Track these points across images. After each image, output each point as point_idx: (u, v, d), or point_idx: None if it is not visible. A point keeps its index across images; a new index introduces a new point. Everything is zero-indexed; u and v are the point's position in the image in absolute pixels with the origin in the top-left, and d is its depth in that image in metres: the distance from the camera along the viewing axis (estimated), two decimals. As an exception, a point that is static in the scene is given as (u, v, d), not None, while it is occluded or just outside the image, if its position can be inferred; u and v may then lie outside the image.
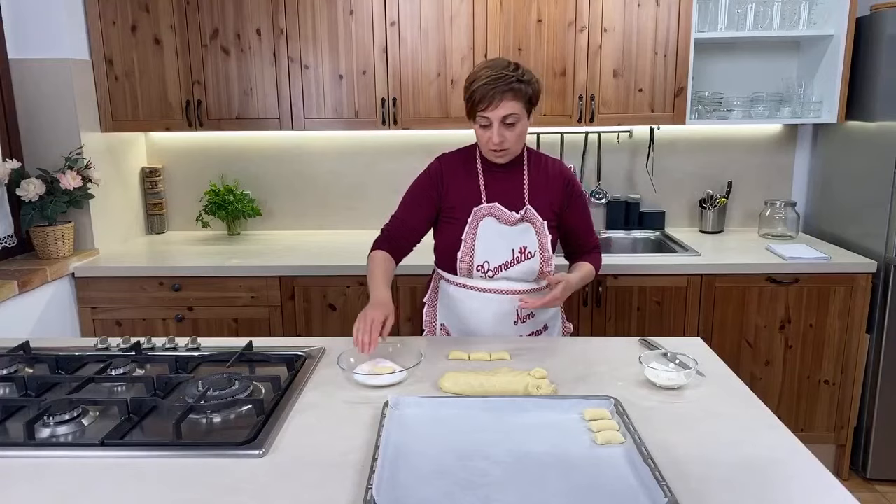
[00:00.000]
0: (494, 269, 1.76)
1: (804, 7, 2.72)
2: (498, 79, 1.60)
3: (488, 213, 1.76)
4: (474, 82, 1.63)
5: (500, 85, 1.60)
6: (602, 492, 1.03)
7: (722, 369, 1.53)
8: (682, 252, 2.72)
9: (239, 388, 1.38)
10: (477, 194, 1.77)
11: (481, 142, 1.72)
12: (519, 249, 1.76)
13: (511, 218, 1.76)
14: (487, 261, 1.75)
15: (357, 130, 2.88)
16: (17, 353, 1.59)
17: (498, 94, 1.60)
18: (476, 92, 1.62)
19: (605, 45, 2.69)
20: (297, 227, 3.23)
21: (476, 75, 1.64)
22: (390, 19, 2.68)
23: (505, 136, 1.66)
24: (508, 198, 1.78)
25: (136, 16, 2.71)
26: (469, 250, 1.75)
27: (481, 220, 1.76)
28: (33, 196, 2.46)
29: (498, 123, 1.64)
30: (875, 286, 2.54)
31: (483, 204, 1.76)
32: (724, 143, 3.11)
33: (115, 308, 2.63)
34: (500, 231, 1.76)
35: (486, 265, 1.75)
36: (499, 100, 1.61)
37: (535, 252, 1.76)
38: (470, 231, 1.75)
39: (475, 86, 1.62)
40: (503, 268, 1.76)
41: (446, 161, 1.84)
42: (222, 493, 1.06)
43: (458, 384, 1.40)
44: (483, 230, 1.75)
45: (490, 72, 1.62)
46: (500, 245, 1.75)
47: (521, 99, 1.63)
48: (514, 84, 1.61)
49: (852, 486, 2.63)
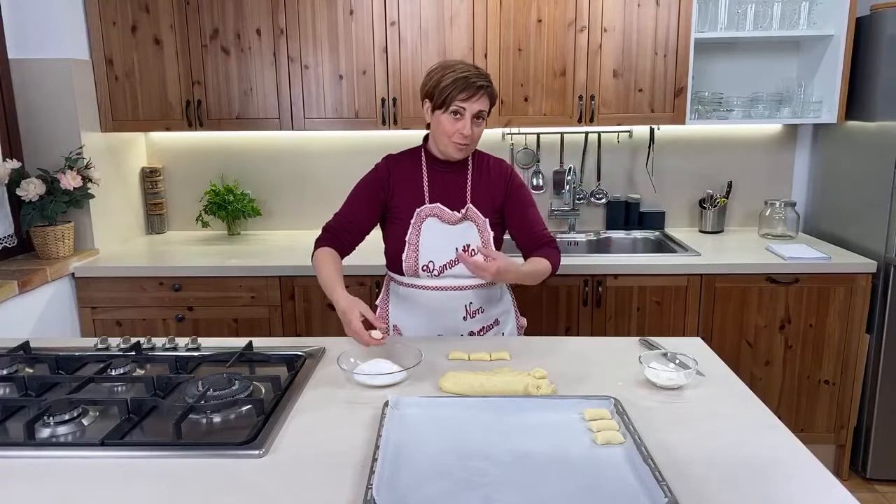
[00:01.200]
0: (440, 268, 1.78)
1: (804, 7, 2.73)
2: (478, 74, 1.66)
3: (430, 213, 1.78)
4: (449, 73, 1.65)
5: (482, 80, 1.66)
6: (602, 492, 1.03)
7: (722, 369, 1.53)
8: (682, 252, 2.72)
9: (239, 388, 1.38)
10: (420, 195, 1.80)
11: (446, 134, 1.70)
12: (462, 248, 1.78)
13: (452, 217, 1.78)
14: (432, 260, 1.78)
15: (357, 130, 2.88)
16: (17, 353, 1.59)
17: (478, 88, 1.64)
18: (458, 81, 1.63)
19: (605, 45, 2.69)
20: (298, 227, 3.23)
21: (451, 67, 1.67)
22: (390, 19, 2.68)
23: (474, 131, 1.69)
24: (450, 197, 1.80)
25: (136, 16, 2.71)
26: (413, 251, 1.78)
27: (424, 221, 1.78)
28: (33, 196, 2.46)
29: (470, 116, 1.66)
30: (875, 286, 2.54)
31: (426, 205, 1.79)
32: (724, 143, 3.11)
33: (115, 308, 2.63)
34: (443, 231, 1.78)
35: (431, 265, 1.78)
36: (480, 94, 1.65)
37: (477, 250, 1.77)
38: (413, 232, 1.78)
39: (455, 75, 1.64)
40: (448, 266, 1.78)
41: (393, 161, 1.85)
42: (222, 493, 1.06)
43: (458, 384, 1.40)
44: (426, 231, 1.78)
45: (466, 67, 1.67)
46: (444, 244, 1.78)
47: (491, 100, 1.70)
48: (488, 82, 1.67)
49: (852, 486, 2.63)
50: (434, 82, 1.69)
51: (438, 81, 1.67)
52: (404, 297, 1.86)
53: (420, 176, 1.81)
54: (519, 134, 3.06)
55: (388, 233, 1.86)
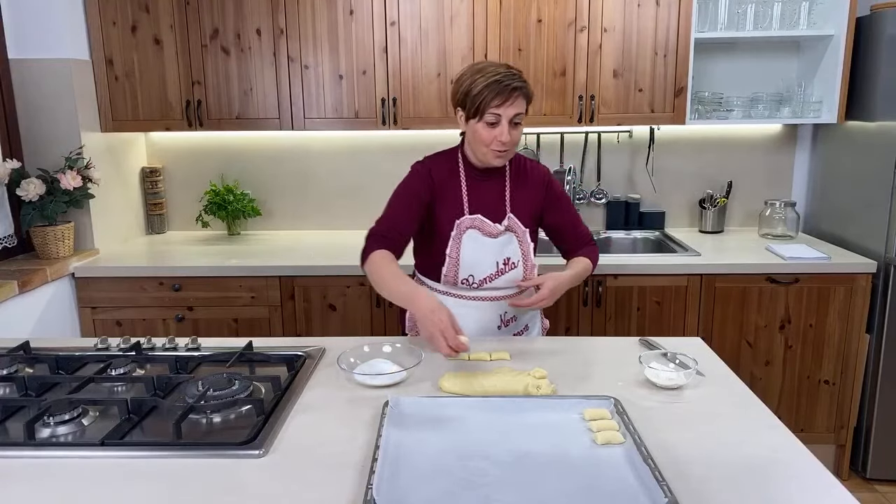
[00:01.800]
0: (479, 281, 1.74)
1: (804, 7, 2.73)
2: (511, 76, 1.58)
3: (471, 225, 1.72)
4: (482, 76, 1.57)
5: (515, 81, 1.57)
6: (602, 492, 1.03)
7: (722, 369, 1.53)
8: (682, 252, 2.72)
9: (239, 388, 1.38)
10: (459, 205, 1.72)
11: (483, 142, 1.64)
12: (503, 261, 1.73)
13: (494, 230, 1.72)
14: (472, 274, 1.73)
15: (357, 130, 2.88)
16: (17, 353, 1.59)
17: (514, 91, 1.57)
18: (489, 87, 1.56)
19: (605, 45, 2.69)
20: (297, 227, 3.23)
21: (482, 72, 1.59)
22: (390, 19, 2.68)
23: (512, 135, 1.62)
24: (490, 207, 1.73)
25: (136, 16, 2.71)
26: (454, 265, 1.73)
27: (464, 234, 1.71)
28: (33, 196, 2.46)
29: (507, 122, 1.60)
30: (875, 286, 2.54)
31: (466, 216, 1.72)
32: (723, 143, 3.11)
33: (115, 308, 2.63)
34: (484, 244, 1.72)
35: (471, 278, 1.74)
36: (515, 96, 1.57)
37: (518, 262, 1.74)
38: (454, 246, 1.71)
39: (486, 80, 1.56)
40: (488, 280, 1.74)
41: (433, 166, 1.76)
42: (222, 493, 1.06)
43: (458, 384, 1.40)
44: (466, 244, 1.71)
45: (497, 69, 1.58)
46: (485, 259, 1.72)
47: (527, 100, 1.62)
48: (522, 84, 1.59)
49: (852, 486, 2.63)
50: (464, 90, 1.61)
51: (469, 89, 1.60)
52: None
53: (458, 184, 1.73)
54: (519, 134, 3.06)
55: (425, 242, 1.79)
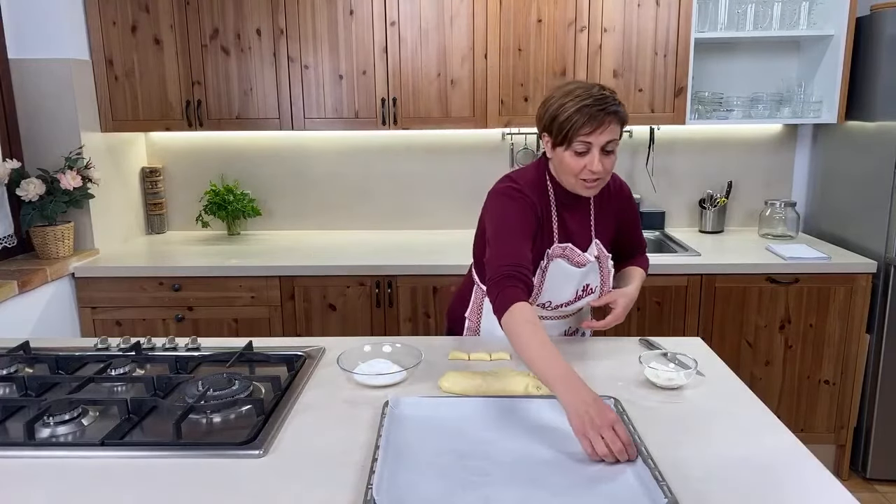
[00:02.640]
0: (556, 306, 1.69)
1: (804, 7, 2.73)
2: (603, 99, 1.43)
3: (561, 254, 1.61)
4: (568, 103, 1.44)
5: (609, 106, 1.43)
6: (602, 492, 1.03)
7: (722, 369, 1.53)
8: (682, 252, 2.72)
9: (239, 388, 1.38)
10: (550, 232, 1.61)
11: (571, 171, 1.50)
12: (583, 288, 1.66)
13: (583, 260, 1.63)
14: (551, 300, 1.66)
15: (357, 130, 2.88)
16: (17, 353, 1.59)
17: (607, 116, 1.43)
18: (580, 112, 1.42)
19: (605, 45, 2.69)
20: (297, 227, 3.23)
21: (571, 94, 1.45)
22: (390, 19, 2.68)
23: (605, 164, 1.48)
24: (578, 235, 1.64)
25: (136, 16, 2.71)
26: (536, 293, 1.63)
27: (551, 262, 1.61)
28: (33, 196, 2.46)
29: (598, 150, 1.46)
30: (875, 286, 2.54)
31: (555, 245, 1.61)
32: (724, 143, 3.11)
33: (115, 308, 2.63)
34: (569, 273, 1.63)
35: (549, 304, 1.68)
36: (607, 122, 1.43)
37: (596, 288, 1.69)
38: (540, 274, 1.61)
39: (576, 106, 1.43)
40: (565, 305, 1.69)
41: (531, 190, 1.58)
42: (222, 493, 1.06)
43: (458, 384, 1.40)
44: (552, 273, 1.62)
45: (590, 91, 1.44)
46: (567, 287, 1.65)
47: (620, 125, 1.47)
48: (617, 107, 1.45)
49: (852, 486, 2.63)
50: (552, 114, 1.48)
51: (557, 114, 1.46)
52: None
53: (549, 208, 1.61)
54: (519, 134, 3.06)
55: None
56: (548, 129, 1.51)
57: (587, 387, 1.19)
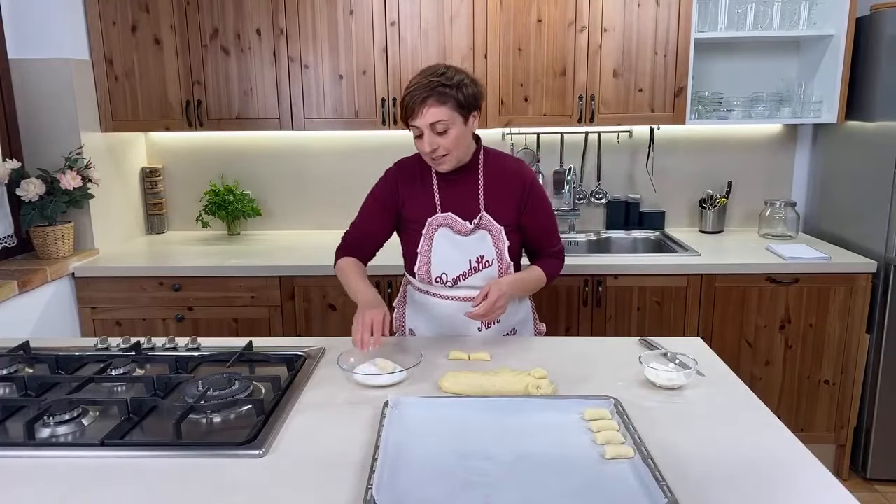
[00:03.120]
0: (453, 279, 1.74)
1: (804, 7, 2.73)
2: (422, 86, 1.57)
3: (442, 223, 1.73)
4: (405, 92, 1.61)
5: (423, 92, 1.57)
6: (602, 492, 1.03)
7: (722, 369, 1.53)
8: (682, 252, 2.72)
9: (239, 388, 1.38)
10: (431, 204, 1.74)
11: (420, 151, 1.67)
12: (476, 259, 1.73)
13: (465, 228, 1.72)
14: (445, 272, 1.74)
15: (357, 130, 2.88)
16: (17, 353, 1.59)
17: (419, 102, 1.57)
18: (404, 100, 1.60)
19: (605, 45, 2.69)
20: (297, 227, 3.23)
21: (408, 84, 1.62)
22: (390, 19, 2.68)
23: (438, 142, 1.60)
24: (463, 206, 1.73)
25: (136, 16, 2.71)
26: (426, 263, 1.74)
27: (436, 231, 1.73)
28: (33, 196, 2.46)
29: (428, 131, 1.60)
30: (875, 286, 2.54)
31: (437, 214, 1.73)
32: (724, 143, 3.11)
33: (115, 308, 2.63)
34: (455, 241, 1.72)
35: (445, 276, 1.74)
36: (420, 107, 1.57)
37: (492, 260, 1.73)
38: (425, 244, 1.73)
39: (404, 94, 1.61)
40: (461, 278, 1.74)
41: (403, 168, 1.80)
42: (222, 493, 1.06)
43: (458, 384, 1.40)
44: (438, 242, 1.73)
45: (418, 79, 1.60)
46: (456, 256, 1.73)
47: (449, 104, 1.57)
48: (439, 89, 1.56)
49: (852, 486, 2.63)
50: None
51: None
52: (420, 304, 1.83)
53: (430, 184, 1.75)
54: (519, 134, 3.06)
55: (402, 240, 1.83)
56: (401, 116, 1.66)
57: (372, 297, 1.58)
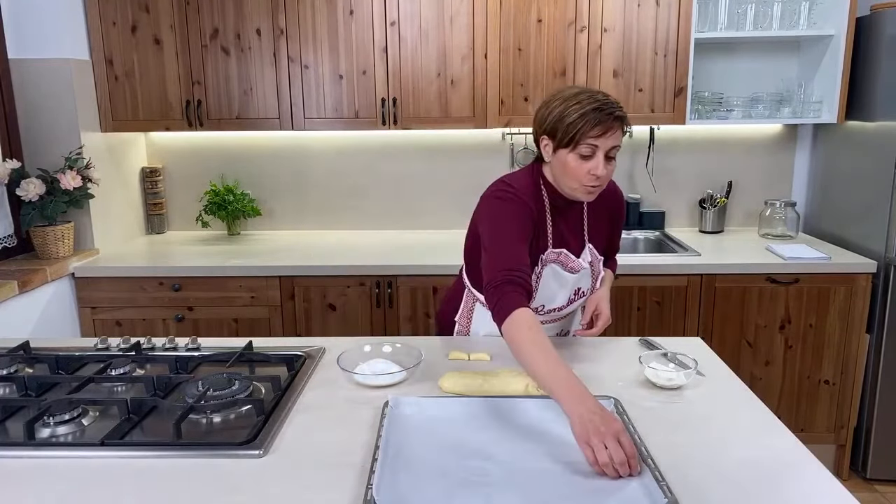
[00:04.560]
0: (548, 311, 1.68)
1: (804, 7, 2.73)
2: (609, 104, 1.43)
3: (555, 260, 1.60)
4: (575, 106, 1.43)
5: (615, 110, 1.43)
6: (602, 492, 1.03)
7: (722, 369, 1.53)
8: (682, 252, 2.72)
9: (239, 388, 1.38)
10: (544, 237, 1.59)
11: (574, 175, 1.48)
12: (574, 292, 1.67)
13: (577, 266, 1.62)
14: (544, 304, 1.66)
15: (357, 130, 2.88)
16: (17, 353, 1.59)
17: (615, 121, 1.42)
18: (589, 115, 1.41)
19: (605, 45, 2.69)
20: (297, 227, 3.23)
21: (575, 98, 1.44)
22: (390, 19, 2.68)
23: (608, 169, 1.47)
24: (571, 240, 1.64)
25: (136, 16, 2.71)
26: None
27: (545, 267, 1.60)
28: (33, 196, 2.46)
29: (603, 154, 1.45)
30: (875, 286, 2.54)
31: (549, 250, 1.60)
32: (724, 143, 3.11)
33: (115, 308, 2.63)
34: (563, 279, 1.62)
35: (542, 308, 1.67)
36: (615, 127, 1.43)
37: (587, 291, 1.70)
38: (534, 279, 1.58)
39: (583, 109, 1.42)
40: (557, 310, 1.69)
41: (524, 193, 1.56)
42: (222, 493, 1.06)
43: (458, 384, 1.40)
44: (546, 278, 1.61)
45: (594, 95, 1.44)
46: (560, 293, 1.65)
47: (622, 131, 1.47)
48: (623, 113, 1.45)
49: (852, 486, 2.63)
50: (556, 116, 1.46)
51: (562, 115, 1.44)
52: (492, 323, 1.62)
53: (543, 214, 1.59)
54: (519, 134, 3.06)
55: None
56: (552, 130, 1.48)
57: (592, 395, 1.17)
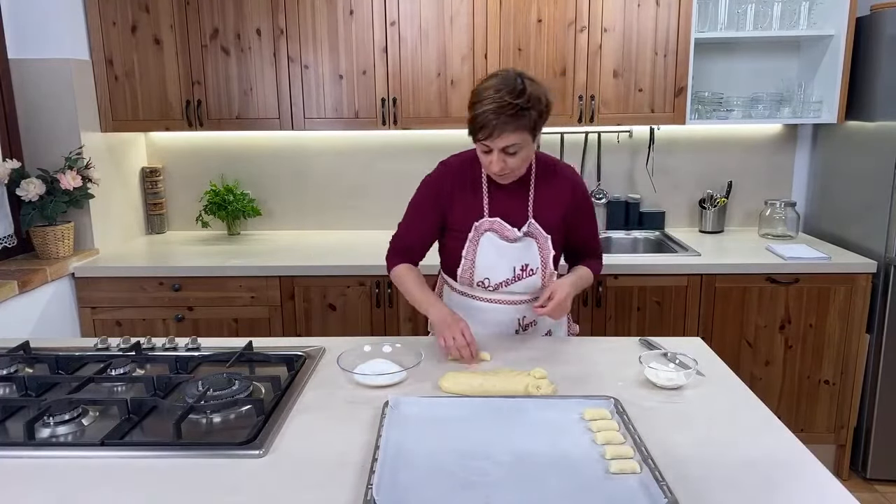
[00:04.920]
0: (495, 285, 1.73)
1: (804, 7, 2.72)
2: (502, 107, 1.48)
3: (489, 228, 1.69)
4: (477, 105, 1.52)
5: (503, 116, 1.48)
6: (602, 492, 1.03)
7: (722, 369, 1.53)
8: (682, 252, 2.72)
9: (239, 388, 1.38)
10: (479, 208, 1.70)
11: (483, 163, 1.63)
12: (521, 267, 1.71)
13: (512, 234, 1.69)
14: (488, 277, 1.72)
15: (357, 130, 2.88)
16: (17, 353, 1.59)
17: (499, 127, 1.49)
18: (477, 118, 1.51)
19: (605, 45, 2.69)
20: (297, 227, 3.23)
21: (480, 96, 1.52)
22: (390, 19, 2.68)
23: (506, 162, 1.56)
24: (512, 212, 1.70)
25: (136, 16, 2.71)
26: (469, 267, 1.72)
27: (482, 236, 1.70)
28: (33, 196, 2.46)
29: (498, 152, 1.54)
30: (875, 286, 2.54)
31: (485, 219, 1.69)
32: (724, 143, 3.11)
33: (115, 308, 2.62)
34: (501, 248, 1.70)
35: (487, 281, 1.73)
36: (499, 132, 1.50)
37: (536, 269, 1.72)
38: (470, 248, 1.70)
39: (477, 110, 1.51)
40: (504, 284, 1.73)
41: (450, 169, 1.74)
42: (222, 493, 1.06)
43: (458, 384, 1.40)
44: (483, 247, 1.70)
45: (494, 95, 1.49)
46: (501, 263, 1.71)
47: (525, 128, 1.51)
48: (518, 113, 1.49)
49: (852, 486, 2.63)
50: (468, 110, 1.56)
51: (469, 109, 1.55)
52: (457, 305, 1.79)
53: (480, 188, 1.70)
54: (519, 134, 3.05)
55: (444, 243, 1.79)
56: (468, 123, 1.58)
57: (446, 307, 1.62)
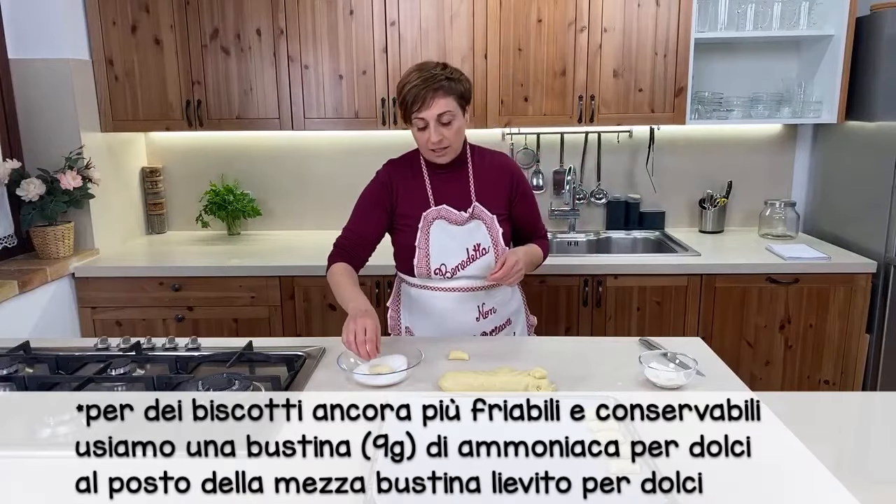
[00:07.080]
0: (452, 269, 1.77)
1: (804, 7, 2.72)
2: (427, 79, 1.62)
3: (437, 215, 1.77)
4: (405, 86, 1.64)
5: (431, 84, 1.62)
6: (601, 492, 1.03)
7: (722, 369, 1.53)
8: (682, 252, 2.72)
9: (239, 388, 1.37)
10: (425, 198, 1.79)
11: (420, 144, 1.73)
12: (473, 247, 1.78)
13: (460, 217, 1.77)
14: (444, 263, 1.77)
15: (357, 130, 2.88)
16: (17, 353, 1.59)
17: (430, 93, 1.62)
18: (408, 94, 1.63)
19: (605, 45, 2.69)
20: (297, 227, 3.23)
21: (406, 79, 1.66)
22: (390, 19, 2.68)
23: (443, 133, 1.67)
24: (456, 198, 1.79)
25: (136, 16, 2.71)
26: (424, 255, 1.77)
27: (432, 224, 1.77)
28: (33, 196, 2.46)
29: (434, 123, 1.65)
30: (875, 286, 2.54)
31: (431, 207, 1.78)
32: (724, 143, 3.11)
33: (115, 308, 2.62)
34: (451, 232, 1.77)
35: (444, 267, 1.78)
36: (430, 98, 1.62)
37: (488, 247, 1.78)
38: (422, 237, 1.77)
39: (406, 88, 1.64)
40: (460, 267, 1.77)
41: (394, 167, 1.85)
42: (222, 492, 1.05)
43: (458, 384, 1.40)
44: (435, 234, 1.77)
45: (419, 73, 1.64)
46: (454, 246, 1.77)
47: (453, 96, 1.65)
48: (444, 82, 1.63)
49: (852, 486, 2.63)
50: (398, 97, 1.68)
51: (399, 94, 1.67)
52: (416, 299, 1.85)
53: (422, 179, 1.81)
54: (519, 134, 3.06)
55: (396, 239, 1.85)
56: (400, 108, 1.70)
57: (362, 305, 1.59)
